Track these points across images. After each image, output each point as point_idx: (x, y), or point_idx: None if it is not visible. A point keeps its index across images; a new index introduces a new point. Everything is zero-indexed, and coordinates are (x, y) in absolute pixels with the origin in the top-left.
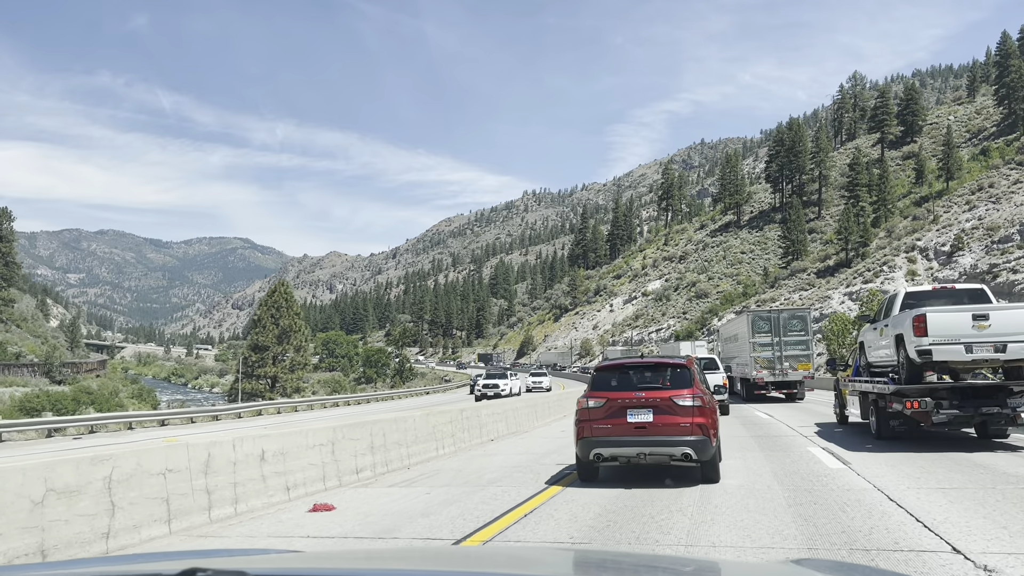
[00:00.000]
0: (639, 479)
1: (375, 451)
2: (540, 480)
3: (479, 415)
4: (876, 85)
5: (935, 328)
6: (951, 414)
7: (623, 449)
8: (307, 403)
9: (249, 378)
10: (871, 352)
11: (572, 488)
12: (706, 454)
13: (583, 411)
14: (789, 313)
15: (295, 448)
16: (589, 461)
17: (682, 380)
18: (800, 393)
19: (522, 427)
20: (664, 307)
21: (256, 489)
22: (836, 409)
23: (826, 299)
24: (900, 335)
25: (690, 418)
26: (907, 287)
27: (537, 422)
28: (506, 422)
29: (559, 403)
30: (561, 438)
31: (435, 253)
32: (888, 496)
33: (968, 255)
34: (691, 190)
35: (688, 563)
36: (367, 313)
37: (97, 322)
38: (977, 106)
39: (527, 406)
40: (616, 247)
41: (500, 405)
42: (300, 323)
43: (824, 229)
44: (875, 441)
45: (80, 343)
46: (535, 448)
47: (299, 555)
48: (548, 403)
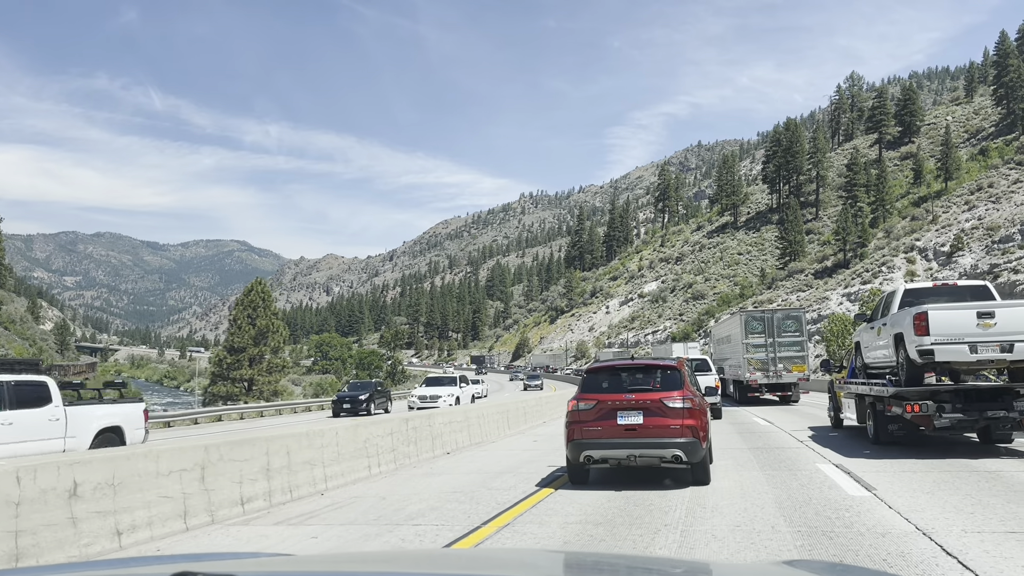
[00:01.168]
0: (627, 483)
1: (272, 475)
2: (479, 513)
3: (431, 424)
4: (873, 87)
5: (937, 327)
6: (955, 418)
7: (613, 451)
8: (275, 407)
9: (224, 381)
10: (868, 353)
11: (522, 522)
12: (696, 456)
13: (573, 413)
14: (783, 313)
15: (136, 476)
16: (579, 463)
17: (672, 382)
18: (795, 395)
19: (488, 437)
20: (660, 309)
21: (59, 539)
22: (830, 412)
23: (824, 300)
24: (899, 334)
25: (680, 420)
26: (906, 284)
27: (509, 430)
28: (468, 432)
29: (538, 408)
30: (528, 452)
31: (432, 255)
32: (944, 548)
33: (968, 255)
34: (688, 192)
35: (679, 564)
36: (363, 315)
37: (93, 325)
38: (975, 106)
39: (499, 412)
40: (612, 249)
41: (463, 412)
42: (278, 323)
43: (822, 230)
44: (872, 447)
45: (70, 345)
46: (492, 465)
47: (290, 558)
48: (524, 409)
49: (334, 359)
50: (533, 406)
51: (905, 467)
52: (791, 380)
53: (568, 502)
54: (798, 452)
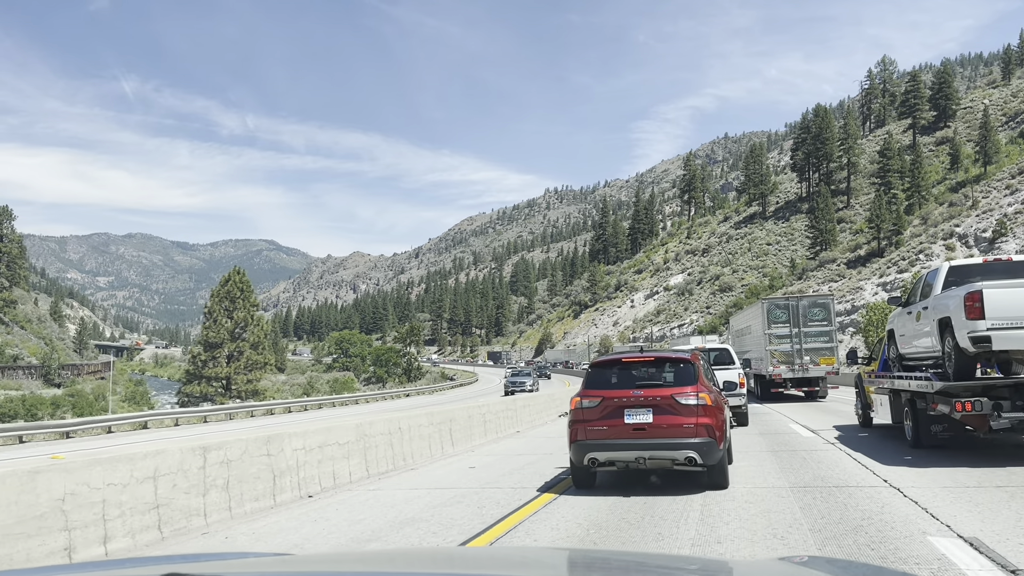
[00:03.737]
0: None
1: None
2: (477, 522)
3: (369, 439)
4: (904, 74)
5: (994, 308)
6: (1017, 418)
7: (620, 453)
8: (247, 408)
9: (199, 380)
10: (904, 342)
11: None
12: (713, 457)
13: (577, 411)
14: (809, 300)
15: None
16: (584, 466)
17: (685, 376)
18: (822, 391)
19: (424, 458)
20: (687, 302)
21: None
22: (858, 409)
23: (858, 290)
24: (946, 319)
25: (694, 418)
26: (950, 261)
27: (472, 442)
28: (393, 449)
29: (510, 413)
30: (455, 486)
31: (457, 252)
32: None
33: (1013, 240)
34: (715, 184)
35: (694, 561)
36: (387, 312)
37: (124, 324)
38: (1013, 89)
39: (466, 417)
40: (637, 242)
41: (399, 421)
42: (259, 316)
43: (854, 218)
44: (912, 451)
45: (88, 345)
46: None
47: (285, 558)
48: (492, 413)
49: (354, 356)
50: (503, 410)
51: (959, 479)
52: (818, 374)
53: (571, 508)
54: (827, 454)
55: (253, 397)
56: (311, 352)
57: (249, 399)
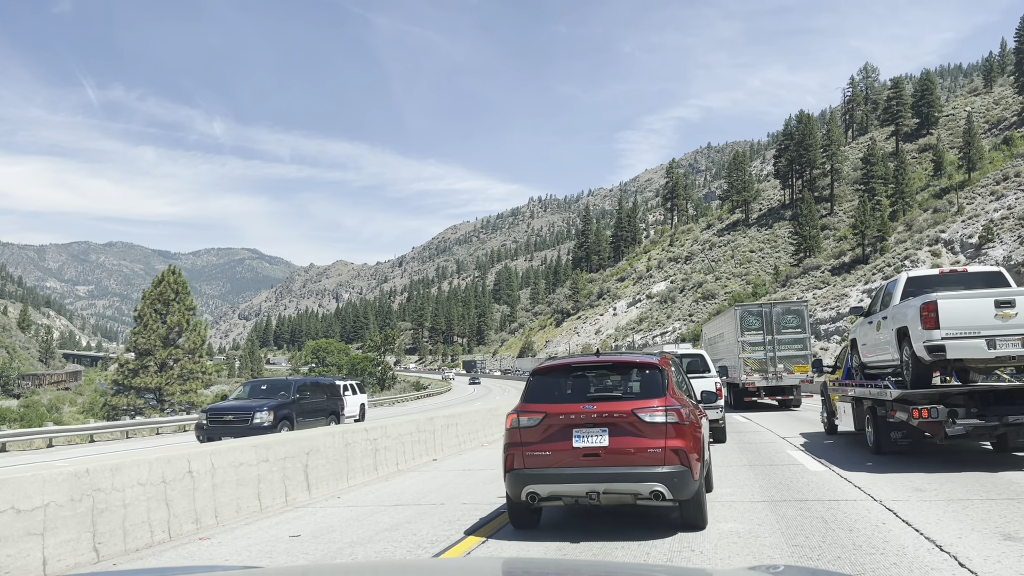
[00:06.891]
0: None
1: None
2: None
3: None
4: (885, 85)
5: (949, 318)
6: (970, 424)
7: (568, 486)
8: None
9: (127, 391)
10: (866, 351)
11: None
12: (686, 491)
13: (512, 431)
14: (783, 307)
15: None
16: (522, 503)
17: (651, 386)
18: (796, 399)
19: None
20: (669, 309)
21: None
22: (823, 417)
23: (843, 297)
24: (903, 329)
25: (662, 440)
26: (908, 272)
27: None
28: (169, 509)
29: (424, 436)
30: None
31: (441, 261)
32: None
33: (1000, 246)
34: (698, 193)
35: (666, 570)
36: (368, 321)
37: (103, 334)
38: (995, 96)
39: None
40: (620, 250)
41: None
42: (197, 321)
43: (837, 225)
44: (873, 457)
45: (55, 354)
46: None
47: (256, 571)
48: (390, 437)
49: (331, 365)
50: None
51: (915, 482)
52: (792, 382)
53: None
54: (799, 468)
55: (192, 408)
56: (287, 361)
57: (183, 412)
